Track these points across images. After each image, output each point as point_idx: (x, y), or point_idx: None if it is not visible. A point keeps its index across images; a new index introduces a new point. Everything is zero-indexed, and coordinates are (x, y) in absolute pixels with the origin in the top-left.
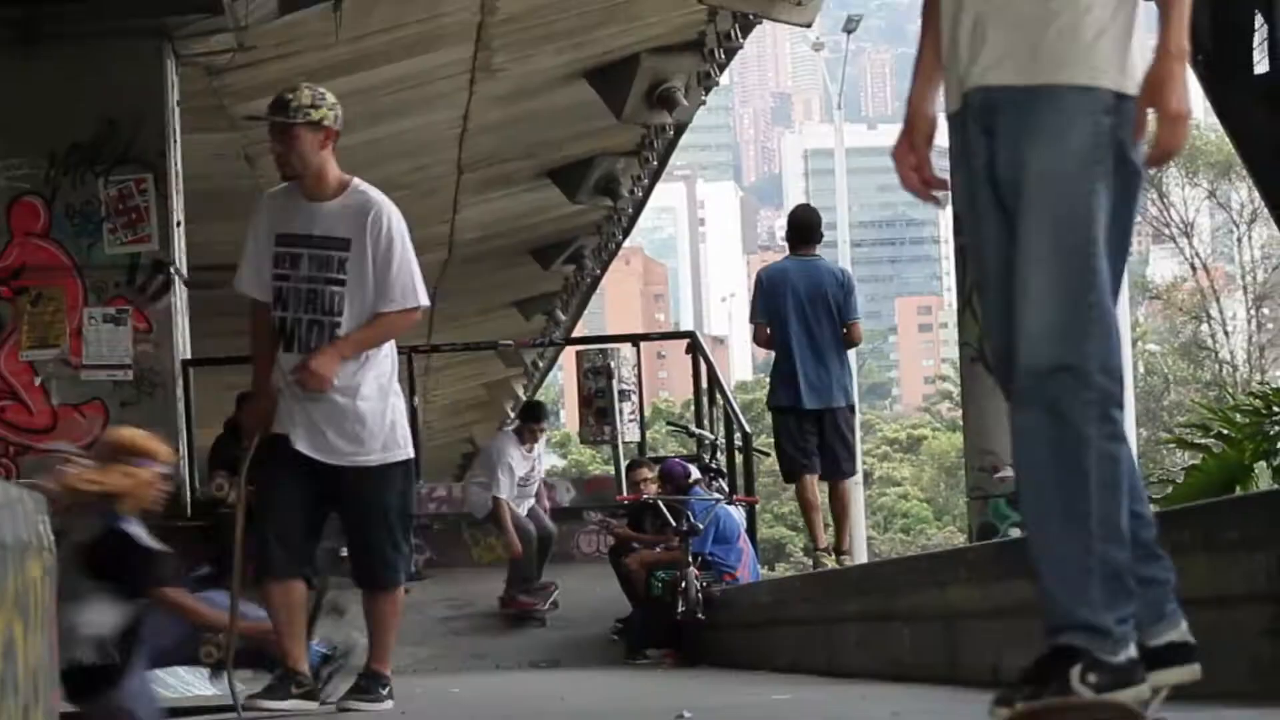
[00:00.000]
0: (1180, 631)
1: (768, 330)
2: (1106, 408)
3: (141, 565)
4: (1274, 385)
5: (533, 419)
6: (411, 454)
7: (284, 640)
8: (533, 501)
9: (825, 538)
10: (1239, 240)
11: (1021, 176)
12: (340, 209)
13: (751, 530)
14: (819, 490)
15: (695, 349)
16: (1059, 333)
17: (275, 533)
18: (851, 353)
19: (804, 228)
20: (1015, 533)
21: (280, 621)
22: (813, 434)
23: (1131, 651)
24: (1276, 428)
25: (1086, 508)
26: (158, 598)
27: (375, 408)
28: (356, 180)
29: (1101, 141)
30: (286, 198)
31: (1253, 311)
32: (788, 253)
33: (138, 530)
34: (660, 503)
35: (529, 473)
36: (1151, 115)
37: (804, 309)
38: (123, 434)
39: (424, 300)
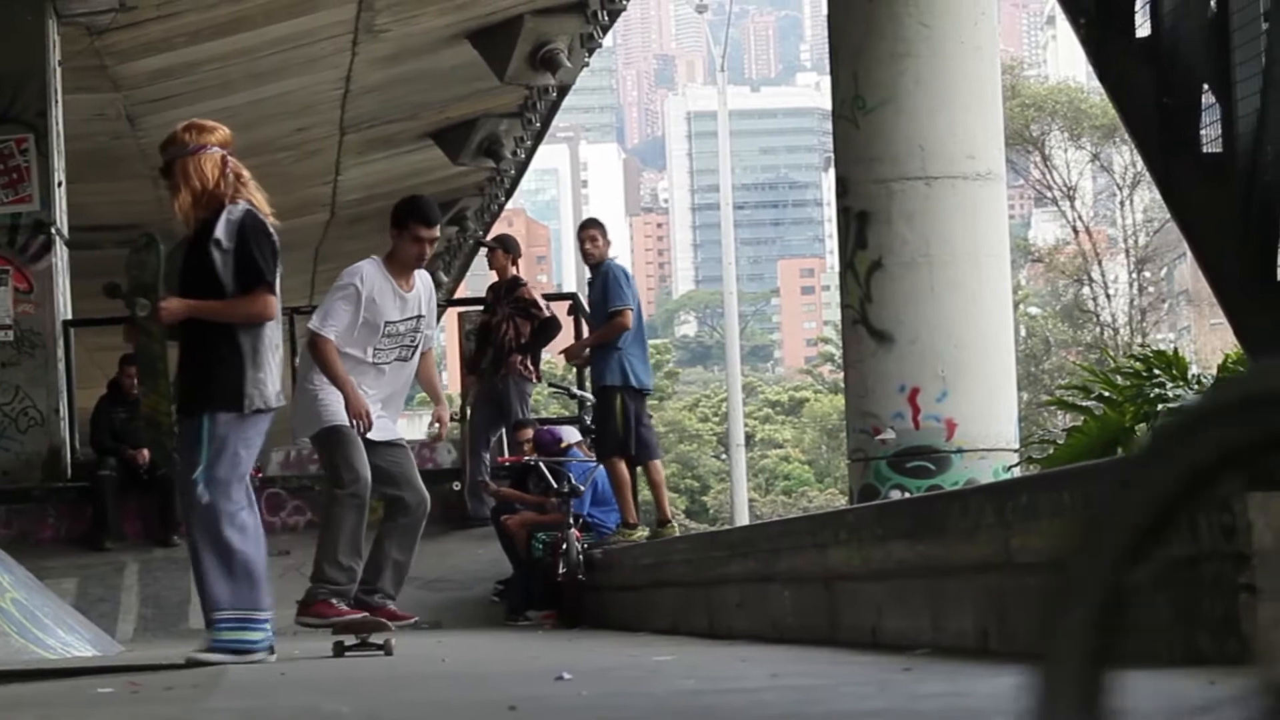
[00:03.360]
0: None
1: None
2: None
3: None
4: (1155, 348)
5: (418, 218)
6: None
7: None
8: (387, 417)
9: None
10: (1121, 204)
11: None
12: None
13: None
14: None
15: (577, 311)
16: None
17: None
18: (733, 316)
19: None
20: (896, 494)
21: None
22: (642, 416)
23: None
24: (1157, 390)
25: None
26: None
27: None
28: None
29: None
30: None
31: (1134, 275)
32: (601, 258)
33: None
34: (541, 464)
35: (404, 325)
36: None
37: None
38: None
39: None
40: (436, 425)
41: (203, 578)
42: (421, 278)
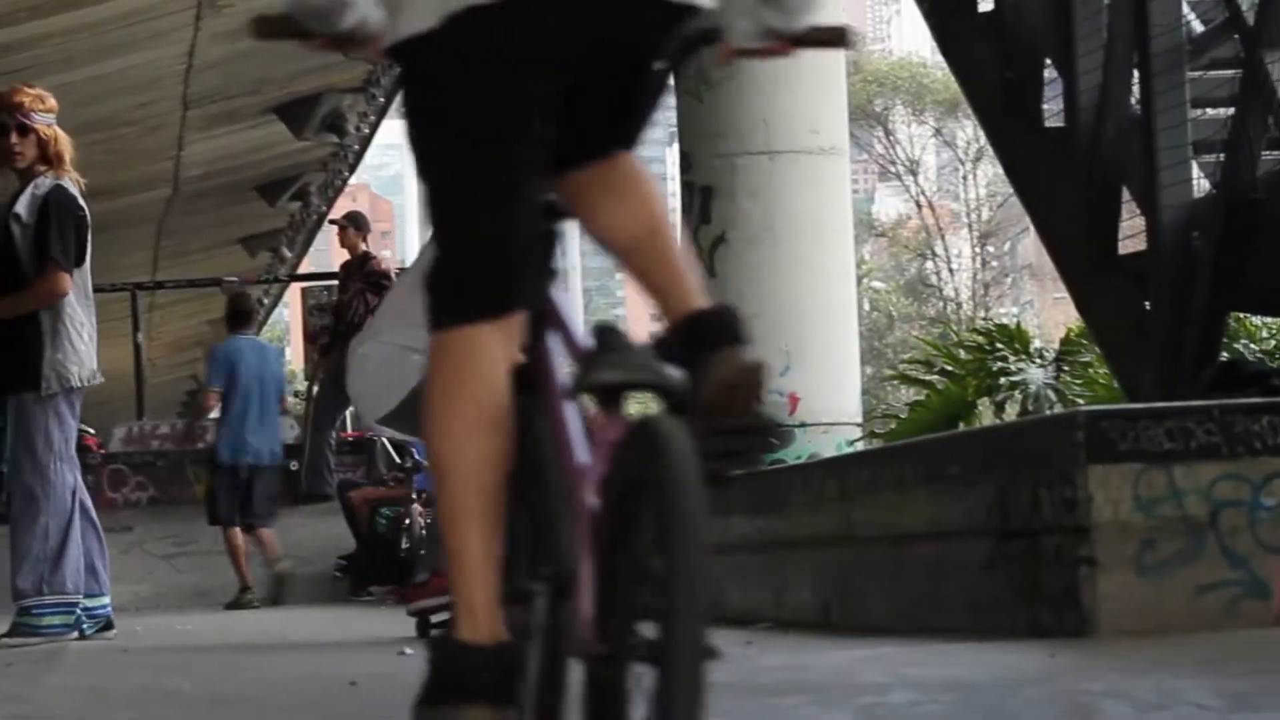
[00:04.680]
0: None
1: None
2: None
3: None
4: (997, 322)
5: None
6: None
7: None
8: None
9: None
10: (964, 178)
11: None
12: None
13: None
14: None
15: None
16: None
17: None
18: (580, 289)
19: (246, 313)
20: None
21: None
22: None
23: None
24: (999, 364)
25: None
26: None
27: None
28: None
29: None
30: None
31: (977, 249)
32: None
33: None
34: (384, 440)
35: None
36: None
37: (255, 380)
38: None
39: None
40: None
41: (13, 558)
42: None
